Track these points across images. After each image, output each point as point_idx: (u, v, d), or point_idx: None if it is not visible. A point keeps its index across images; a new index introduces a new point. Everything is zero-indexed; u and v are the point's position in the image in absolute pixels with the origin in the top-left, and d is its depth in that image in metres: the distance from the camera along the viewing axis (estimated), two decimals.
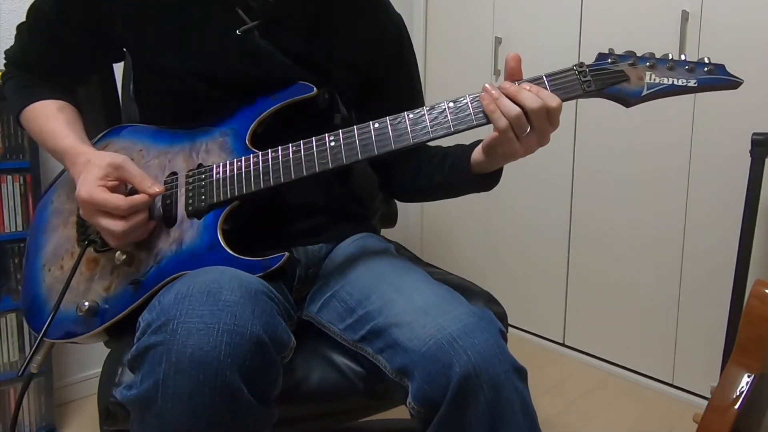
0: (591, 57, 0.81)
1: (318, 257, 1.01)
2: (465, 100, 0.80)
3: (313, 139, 0.84)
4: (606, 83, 0.79)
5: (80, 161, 0.85)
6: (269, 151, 0.85)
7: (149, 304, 0.73)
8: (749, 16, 1.53)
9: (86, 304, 0.85)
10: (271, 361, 0.71)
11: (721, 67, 0.77)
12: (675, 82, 0.78)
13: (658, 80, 0.78)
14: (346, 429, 1.35)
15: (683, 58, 0.78)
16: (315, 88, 0.91)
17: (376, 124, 0.82)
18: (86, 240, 0.90)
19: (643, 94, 0.79)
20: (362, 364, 0.90)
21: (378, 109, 0.87)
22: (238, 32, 0.89)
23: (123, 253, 0.85)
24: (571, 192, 1.99)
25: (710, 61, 0.78)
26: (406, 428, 0.83)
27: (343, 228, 1.04)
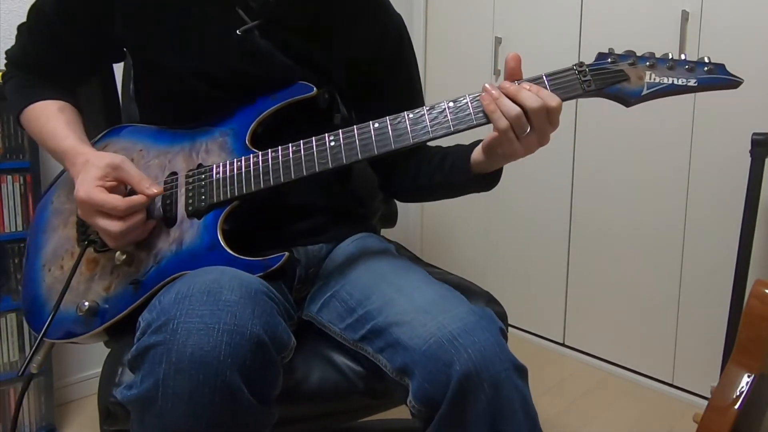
0: (591, 57, 0.81)
1: (318, 257, 1.01)
2: (465, 100, 0.80)
3: (313, 139, 0.84)
4: (606, 83, 0.79)
5: (80, 161, 0.85)
6: (269, 151, 0.85)
7: (149, 304, 0.73)
8: (749, 16, 1.53)
9: (86, 304, 0.85)
10: (271, 361, 0.71)
11: (721, 67, 0.77)
12: (675, 82, 0.78)
13: (658, 80, 0.78)
14: (346, 429, 1.35)
15: (683, 57, 0.78)
16: (315, 88, 0.90)
17: (376, 124, 0.82)
18: (86, 240, 0.89)
19: (643, 93, 0.79)
20: (362, 364, 0.90)
21: (378, 109, 0.87)
22: (238, 32, 0.89)
23: (123, 253, 0.85)
24: (571, 192, 1.99)
25: (710, 61, 0.78)
26: (406, 428, 0.83)
27: (343, 228, 1.04)
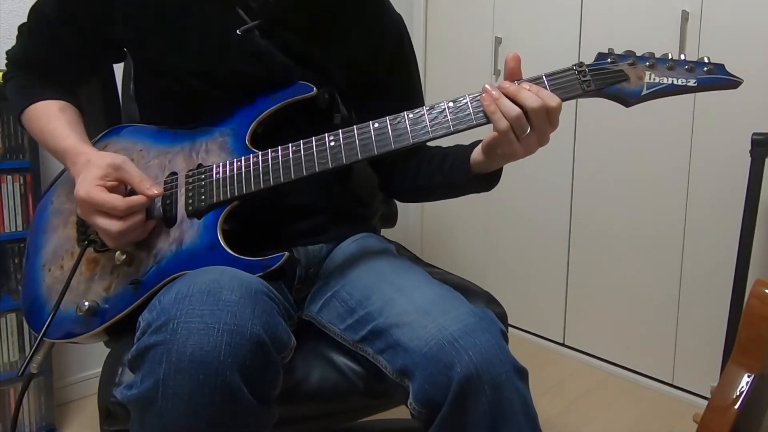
0: (591, 57, 0.81)
1: (318, 257, 1.01)
2: (465, 100, 0.80)
3: (313, 139, 0.84)
4: (606, 83, 0.79)
5: (81, 161, 0.85)
6: (269, 151, 0.85)
7: (149, 304, 0.73)
8: (749, 16, 1.53)
9: (86, 304, 0.85)
10: (272, 361, 0.71)
11: (720, 67, 0.77)
12: (675, 82, 0.78)
13: (657, 80, 0.78)
14: (346, 429, 1.35)
15: (683, 57, 0.78)
16: (315, 88, 0.90)
17: (376, 124, 0.82)
18: (86, 240, 0.90)
19: (642, 93, 0.79)
20: (362, 364, 0.90)
21: (378, 108, 0.87)
22: (238, 32, 0.89)
23: (123, 253, 0.85)
24: (571, 192, 1.99)
25: (710, 61, 0.78)
26: (406, 428, 0.83)
27: (343, 228, 1.04)
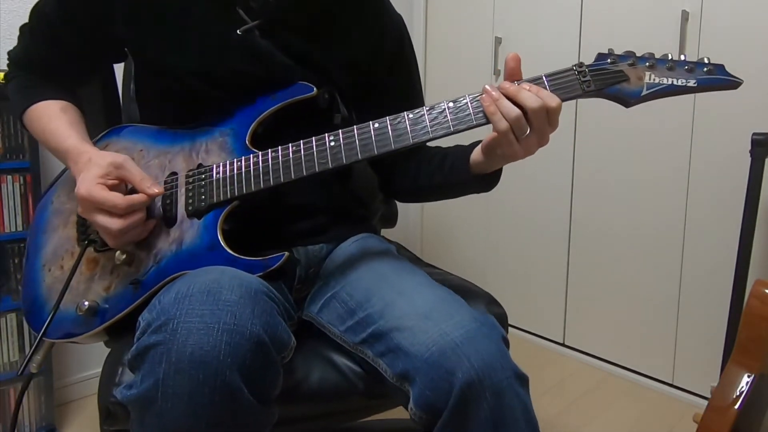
0: (591, 57, 0.81)
1: (318, 257, 1.01)
2: (465, 100, 0.80)
3: (313, 139, 0.84)
4: (605, 83, 0.79)
5: (82, 160, 0.86)
6: (269, 151, 0.85)
7: (149, 304, 0.73)
8: (749, 16, 1.53)
9: (86, 303, 0.85)
10: (271, 361, 0.71)
11: (720, 67, 0.77)
12: (674, 82, 0.78)
13: (657, 80, 0.78)
14: (346, 429, 1.35)
15: (683, 58, 0.78)
16: (315, 88, 0.90)
17: (376, 124, 0.82)
18: (86, 240, 0.90)
19: (642, 94, 0.79)
20: (362, 365, 0.89)
21: (378, 109, 0.87)
22: (238, 32, 0.89)
23: (123, 253, 0.86)
24: (571, 192, 1.99)
25: (710, 61, 0.78)
26: (406, 428, 0.83)
27: (343, 228, 1.04)
